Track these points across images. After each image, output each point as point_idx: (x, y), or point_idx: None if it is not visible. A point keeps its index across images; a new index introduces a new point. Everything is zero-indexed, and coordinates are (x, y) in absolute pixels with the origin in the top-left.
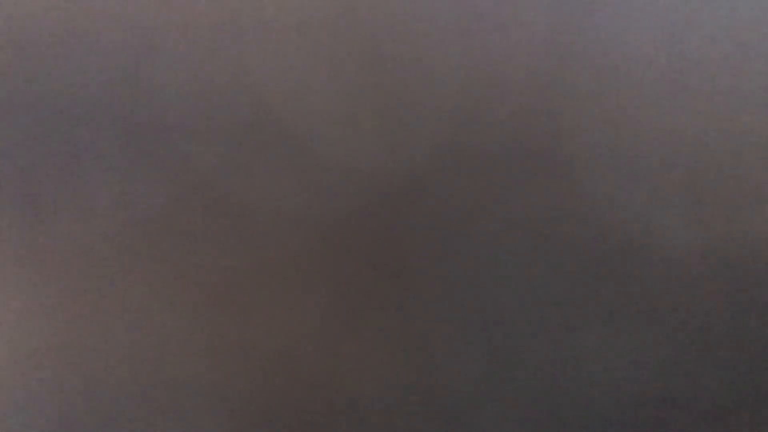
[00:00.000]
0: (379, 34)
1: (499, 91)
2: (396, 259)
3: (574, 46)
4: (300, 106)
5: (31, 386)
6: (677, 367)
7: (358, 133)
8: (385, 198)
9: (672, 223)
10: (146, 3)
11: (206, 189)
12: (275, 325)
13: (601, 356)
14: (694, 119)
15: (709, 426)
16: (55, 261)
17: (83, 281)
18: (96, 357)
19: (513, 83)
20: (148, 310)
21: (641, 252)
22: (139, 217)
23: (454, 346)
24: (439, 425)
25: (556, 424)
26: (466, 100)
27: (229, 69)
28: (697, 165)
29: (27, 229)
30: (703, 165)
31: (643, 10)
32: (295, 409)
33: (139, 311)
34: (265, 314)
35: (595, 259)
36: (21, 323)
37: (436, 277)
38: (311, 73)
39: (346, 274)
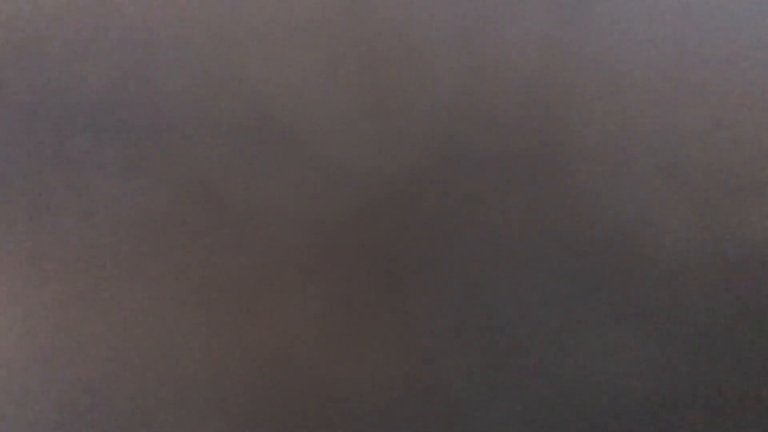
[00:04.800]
0: (379, 34)
1: (499, 91)
2: (395, 259)
3: (574, 46)
4: (300, 106)
5: (31, 386)
6: (677, 367)
7: (358, 134)
8: (384, 198)
9: (672, 223)
10: (146, 3)
11: (206, 189)
12: (275, 325)
13: (601, 356)
14: (694, 119)
15: (709, 426)
16: (55, 261)
17: (83, 281)
18: (96, 357)
19: (513, 83)
20: (148, 310)
21: (641, 252)
22: (139, 217)
23: (454, 345)
24: (439, 425)
25: (556, 423)
26: (466, 100)
27: (229, 69)
28: (697, 165)
29: (27, 229)
30: (703, 165)
31: (643, 10)
32: (295, 409)
33: (139, 311)
34: (265, 314)
35: (595, 259)
36: (21, 323)
37: (435, 277)
38: (311, 74)
39: (346, 274)
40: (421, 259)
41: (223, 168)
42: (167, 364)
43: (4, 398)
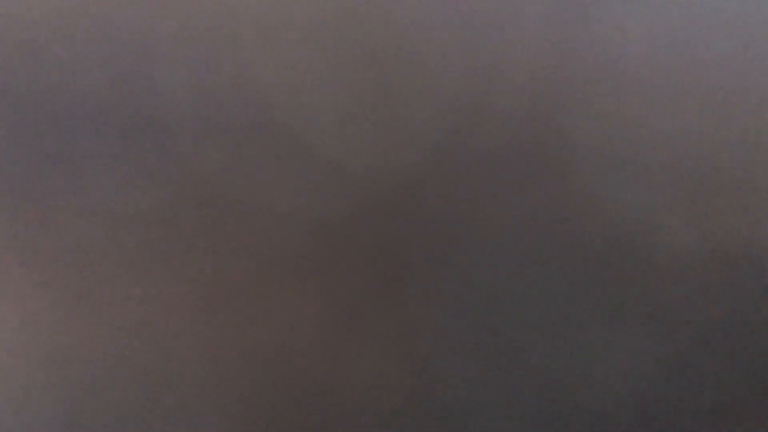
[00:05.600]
0: (380, 34)
1: (499, 91)
2: (395, 259)
3: (574, 46)
4: (300, 107)
5: (31, 386)
6: (677, 366)
7: (358, 134)
8: (384, 198)
9: (672, 223)
10: (146, 3)
11: (206, 189)
12: (275, 325)
13: (601, 356)
14: (694, 119)
15: (709, 426)
16: (55, 261)
17: (83, 281)
18: (96, 357)
19: (513, 83)
20: (148, 309)
21: (641, 252)
22: (139, 217)
23: (454, 346)
24: (439, 425)
25: (556, 424)
26: (466, 100)
27: (230, 69)
28: (697, 165)
29: (27, 229)
30: (703, 165)
31: (643, 10)
32: (295, 409)
33: (139, 311)
34: (265, 314)
35: (595, 259)
36: (21, 323)
37: (435, 277)
38: (311, 74)
39: (346, 274)
40: (421, 259)
41: (223, 168)
42: (167, 363)
43: (4, 398)
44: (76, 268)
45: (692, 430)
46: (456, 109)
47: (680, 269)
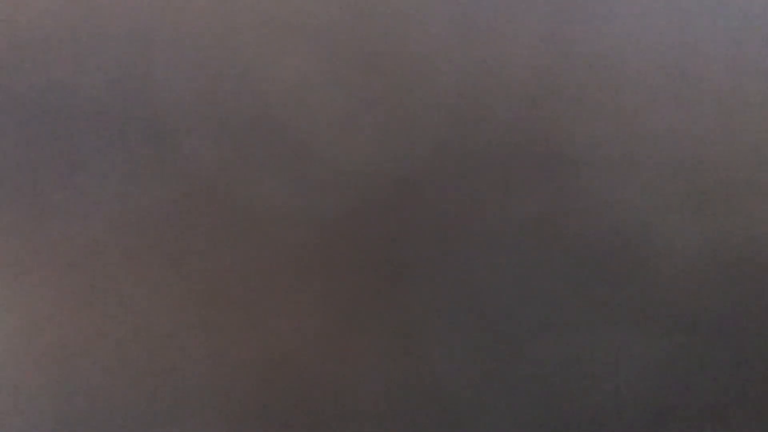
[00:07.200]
0: (379, 34)
1: (499, 91)
2: (396, 259)
3: (575, 46)
4: (300, 106)
5: (31, 386)
6: (677, 367)
7: (358, 134)
8: (385, 198)
9: (672, 223)
10: (147, 3)
11: (206, 189)
12: (275, 325)
13: (601, 356)
14: (695, 119)
15: (709, 426)
16: (55, 261)
17: (83, 281)
18: (96, 357)
19: (513, 83)
20: (148, 310)
21: (641, 252)
22: (139, 217)
23: (454, 345)
24: (439, 425)
25: (556, 424)
26: (466, 100)
27: (230, 69)
28: (697, 165)
29: (27, 229)
30: (703, 165)
31: (643, 8)
32: (295, 409)
33: (139, 311)
34: (265, 314)
35: (595, 259)
36: (21, 324)
37: (435, 277)
38: (311, 74)
39: (346, 273)
40: (421, 258)
41: (223, 168)
42: (167, 363)
43: (4, 398)
44: (77, 268)
45: (692, 430)
46: (456, 109)
47: (680, 269)
